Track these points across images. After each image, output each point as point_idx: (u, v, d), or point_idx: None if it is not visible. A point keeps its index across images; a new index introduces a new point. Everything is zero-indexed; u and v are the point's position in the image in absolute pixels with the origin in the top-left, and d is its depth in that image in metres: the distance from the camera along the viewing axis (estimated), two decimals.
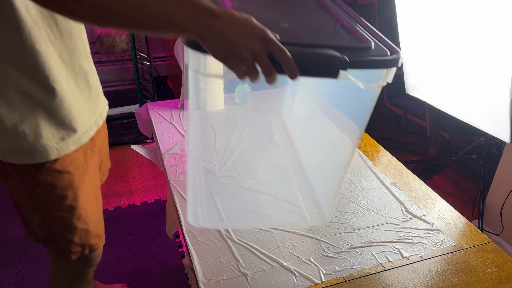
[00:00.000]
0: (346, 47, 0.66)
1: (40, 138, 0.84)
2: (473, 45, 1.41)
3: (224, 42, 0.57)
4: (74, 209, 0.95)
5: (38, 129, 0.83)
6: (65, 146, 0.88)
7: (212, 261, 0.90)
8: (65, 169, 0.90)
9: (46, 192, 0.90)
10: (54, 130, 0.86)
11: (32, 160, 0.85)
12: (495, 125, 1.44)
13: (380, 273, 0.89)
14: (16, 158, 0.85)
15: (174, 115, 1.51)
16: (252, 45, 0.57)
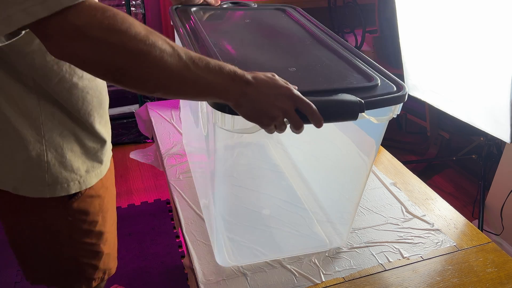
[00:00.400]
0: (357, 87, 0.74)
1: (64, 169, 0.79)
2: (473, 45, 1.41)
3: (256, 106, 0.63)
4: (102, 233, 0.93)
5: (64, 160, 0.79)
6: (88, 179, 0.84)
7: (212, 261, 0.90)
8: (97, 193, 0.88)
9: (78, 219, 0.86)
10: (81, 161, 0.82)
11: (51, 193, 0.79)
12: (495, 125, 1.44)
13: (380, 273, 0.89)
14: (32, 191, 0.79)
15: (174, 115, 1.51)
16: (282, 105, 0.63)
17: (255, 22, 1.04)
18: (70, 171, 0.80)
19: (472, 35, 1.41)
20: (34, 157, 0.76)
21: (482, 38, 1.37)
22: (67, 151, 0.79)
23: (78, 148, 0.81)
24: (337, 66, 0.83)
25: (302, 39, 0.96)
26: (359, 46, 2.40)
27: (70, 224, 0.86)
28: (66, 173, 0.80)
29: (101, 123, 0.85)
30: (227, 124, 0.68)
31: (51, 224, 0.85)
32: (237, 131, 0.69)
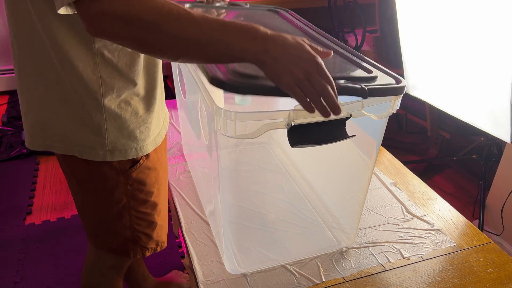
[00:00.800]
0: (358, 77, 0.74)
1: (122, 137, 0.85)
2: (473, 45, 1.41)
3: (279, 64, 0.63)
4: (157, 205, 0.98)
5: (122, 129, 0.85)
6: (144, 147, 0.89)
7: (212, 261, 0.90)
8: (154, 165, 0.94)
9: (136, 189, 0.92)
10: (138, 131, 0.87)
11: (111, 157, 0.86)
12: (496, 125, 1.44)
13: (381, 273, 0.89)
14: (94, 155, 0.85)
15: (173, 115, 1.50)
16: (305, 66, 0.63)
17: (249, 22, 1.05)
18: (127, 138, 0.86)
19: (472, 35, 1.41)
20: (96, 124, 0.82)
21: (482, 38, 1.37)
22: (124, 121, 0.85)
23: (134, 119, 0.86)
24: (336, 61, 0.83)
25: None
26: (359, 46, 2.40)
27: (129, 193, 0.92)
28: (123, 140, 0.86)
29: (155, 96, 0.90)
30: (229, 130, 0.68)
31: (113, 191, 0.91)
32: (239, 137, 0.69)
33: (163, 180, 0.99)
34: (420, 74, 1.74)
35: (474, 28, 1.39)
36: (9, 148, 2.41)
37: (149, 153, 0.91)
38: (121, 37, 0.61)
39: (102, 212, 0.95)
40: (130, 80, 0.83)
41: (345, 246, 0.95)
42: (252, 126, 0.68)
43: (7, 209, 1.98)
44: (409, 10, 1.67)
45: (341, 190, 1.02)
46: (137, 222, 0.96)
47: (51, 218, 1.94)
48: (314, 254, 0.92)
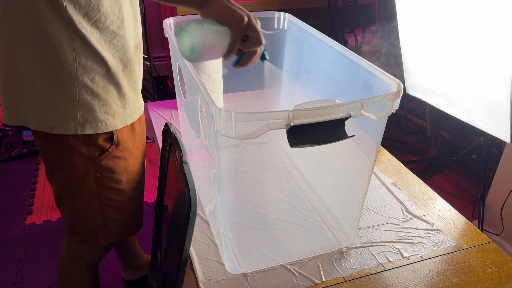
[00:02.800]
0: None
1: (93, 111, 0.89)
2: (473, 45, 1.41)
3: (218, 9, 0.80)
4: (126, 193, 1.02)
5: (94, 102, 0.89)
6: (113, 122, 0.93)
7: (212, 261, 0.90)
8: (123, 155, 0.97)
9: (105, 177, 0.97)
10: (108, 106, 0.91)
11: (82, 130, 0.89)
12: (495, 125, 1.44)
13: (380, 273, 0.89)
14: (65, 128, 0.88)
15: (174, 115, 1.51)
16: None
17: None
18: (98, 112, 0.89)
19: (472, 35, 1.41)
20: (68, 97, 0.86)
21: (482, 38, 1.37)
22: (96, 95, 0.88)
23: (106, 94, 0.90)
24: None
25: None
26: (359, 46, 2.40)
27: (99, 180, 0.96)
28: (94, 114, 0.89)
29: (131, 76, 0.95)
30: (229, 130, 0.68)
31: (83, 178, 0.95)
32: (239, 137, 0.69)
33: (134, 170, 1.03)
34: (420, 74, 1.74)
35: (474, 28, 1.39)
36: (10, 148, 2.41)
37: (119, 142, 0.95)
38: None
39: (73, 200, 0.99)
40: (103, 56, 0.86)
41: (345, 246, 0.95)
42: (251, 127, 0.68)
43: (8, 209, 1.98)
44: (409, 10, 1.67)
45: (341, 190, 1.03)
46: (106, 209, 1.00)
47: (52, 218, 1.94)
48: (314, 254, 0.93)
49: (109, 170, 0.96)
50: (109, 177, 0.97)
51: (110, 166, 0.96)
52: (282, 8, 1.83)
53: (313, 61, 1.09)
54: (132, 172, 1.03)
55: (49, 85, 0.85)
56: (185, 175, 0.72)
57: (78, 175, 0.95)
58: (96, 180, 0.96)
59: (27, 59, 0.83)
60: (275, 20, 1.18)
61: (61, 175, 0.96)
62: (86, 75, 0.86)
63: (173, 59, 1.12)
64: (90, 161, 0.94)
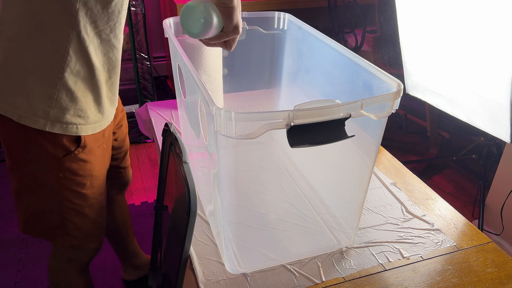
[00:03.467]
0: None
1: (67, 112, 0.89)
2: (473, 45, 1.41)
3: None
4: (88, 197, 1.00)
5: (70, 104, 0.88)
6: (84, 128, 0.92)
7: (212, 261, 0.90)
8: (88, 158, 0.96)
9: (68, 178, 0.95)
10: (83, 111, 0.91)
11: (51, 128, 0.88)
12: (495, 125, 1.44)
13: (380, 273, 0.89)
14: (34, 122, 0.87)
15: (174, 115, 1.51)
16: None
17: None
18: (72, 115, 0.89)
19: (472, 35, 1.41)
20: (47, 93, 0.85)
21: (482, 38, 1.37)
22: (74, 98, 0.88)
23: (84, 99, 0.90)
24: None
25: None
26: (359, 46, 2.40)
27: (61, 180, 0.95)
28: (68, 116, 0.89)
29: (110, 90, 0.96)
30: (229, 130, 0.68)
31: (46, 175, 0.94)
32: (239, 137, 0.69)
33: (98, 174, 1.02)
34: (420, 74, 1.74)
35: (474, 28, 1.39)
36: None
37: (86, 145, 0.94)
38: None
39: (33, 194, 0.97)
40: (94, 64, 0.87)
41: (345, 246, 0.95)
42: (251, 127, 0.68)
43: (7, 209, 1.98)
44: (409, 10, 1.67)
45: (341, 190, 1.03)
46: (66, 211, 0.99)
47: None
48: (314, 254, 0.93)
49: (72, 172, 0.95)
50: (72, 179, 0.96)
51: (74, 169, 0.95)
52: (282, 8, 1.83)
53: (313, 61, 1.09)
54: (96, 177, 1.01)
55: (32, 76, 0.84)
56: (185, 175, 0.72)
57: (40, 171, 0.94)
58: (58, 180, 0.95)
59: (19, 45, 0.83)
60: (275, 20, 1.18)
61: (23, 168, 0.95)
62: (71, 77, 0.86)
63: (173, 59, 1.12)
64: (54, 160, 0.92)
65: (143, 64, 2.45)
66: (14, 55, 0.84)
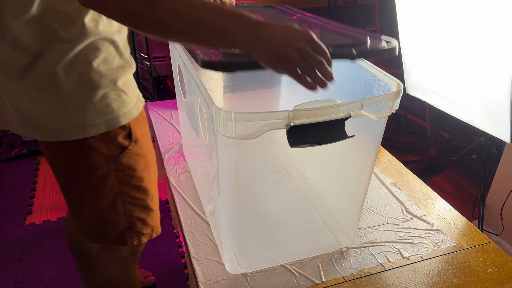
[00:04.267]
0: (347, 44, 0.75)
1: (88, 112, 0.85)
2: (473, 45, 1.41)
3: (271, 48, 0.63)
4: (149, 190, 0.99)
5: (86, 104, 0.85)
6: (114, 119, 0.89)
7: (212, 261, 0.90)
8: (142, 151, 0.94)
9: (127, 175, 0.93)
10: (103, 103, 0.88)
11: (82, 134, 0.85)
12: (495, 125, 1.44)
13: (380, 273, 0.89)
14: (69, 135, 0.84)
15: (174, 115, 1.51)
16: (298, 45, 0.63)
17: None
18: (93, 112, 0.85)
19: (472, 35, 1.41)
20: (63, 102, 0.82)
21: (482, 38, 1.37)
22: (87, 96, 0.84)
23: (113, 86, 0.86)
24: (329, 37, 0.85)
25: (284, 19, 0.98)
26: None
27: (120, 179, 0.92)
28: (90, 115, 0.84)
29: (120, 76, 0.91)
30: (229, 130, 0.68)
31: (105, 178, 0.91)
32: (239, 137, 0.69)
33: (152, 166, 1.00)
34: (420, 74, 1.74)
35: (474, 28, 1.39)
36: (10, 148, 2.41)
37: (137, 139, 0.92)
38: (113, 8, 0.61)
39: (96, 202, 0.94)
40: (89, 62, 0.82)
41: (345, 246, 0.95)
42: (251, 127, 0.68)
43: (8, 209, 1.98)
44: (409, 10, 1.67)
45: (341, 190, 1.03)
46: (131, 209, 0.97)
47: (51, 218, 1.94)
48: (314, 254, 0.93)
49: (131, 168, 0.93)
50: (131, 175, 0.94)
51: (131, 164, 0.92)
52: None
53: None
54: (152, 168, 1.00)
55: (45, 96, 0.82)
56: None
57: (99, 178, 0.91)
58: (118, 179, 0.92)
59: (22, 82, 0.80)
60: None
61: (80, 182, 0.92)
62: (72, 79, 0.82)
63: (173, 59, 1.12)
64: (111, 160, 0.90)
65: (143, 64, 2.45)
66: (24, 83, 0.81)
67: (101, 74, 0.84)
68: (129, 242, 1.00)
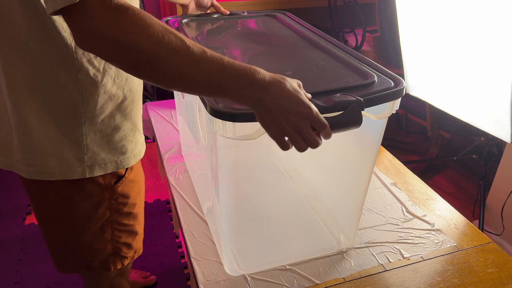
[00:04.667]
0: (355, 86, 0.74)
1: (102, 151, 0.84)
2: (474, 44, 1.41)
3: (269, 115, 0.62)
4: (138, 215, 0.98)
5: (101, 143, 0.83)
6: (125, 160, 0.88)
7: (212, 261, 0.90)
8: (136, 177, 0.93)
9: (120, 203, 0.91)
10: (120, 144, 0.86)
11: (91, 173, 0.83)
12: (496, 125, 1.44)
13: (381, 273, 0.89)
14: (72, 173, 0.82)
15: (173, 115, 1.50)
16: (297, 122, 0.62)
17: (248, 30, 1.05)
18: (107, 152, 0.84)
19: (473, 35, 1.41)
20: (74, 140, 0.80)
21: (482, 38, 1.37)
22: (105, 135, 0.83)
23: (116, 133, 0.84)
24: (333, 66, 0.83)
25: (295, 42, 0.96)
26: (359, 46, 2.39)
27: (113, 207, 0.90)
28: (103, 155, 0.83)
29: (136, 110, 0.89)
30: (228, 131, 0.68)
31: (97, 208, 0.88)
32: (238, 138, 0.69)
33: (143, 190, 1.00)
34: (420, 74, 1.74)
35: (474, 27, 1.39)
36: None
37: (132, 166, 0.90)
38: (114, 60, 0.59)
39: (82, 233, 0.91)
40: (113, 95, 0.81)
41: (345, 246, 0.95)
42: (251, 127, 0.68)
43: (7, 209, 1.98)
44: (409, 10, 1.67)
45: (341, 190, 1.02)
46: (119, 235, 0.95)
47: None
48: (314, 254, 0.92)
49: (124, 195, 0.91)
50: (124, 202, 0.92)
51: (125, 192, 0.91)
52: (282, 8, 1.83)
53: None
54: (143, 193, 0.99)
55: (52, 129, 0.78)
56: None
57: (90, 205, 0.87)
58: (110, 207, 0.90)
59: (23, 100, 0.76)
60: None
61: (64, 218, 0.88)
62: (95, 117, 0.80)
63: None
64: (106, 190, 0.87)
65: None
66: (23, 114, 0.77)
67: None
68: (112, 267, 0.98)
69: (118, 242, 0.95)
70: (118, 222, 0.93)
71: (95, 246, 0.93)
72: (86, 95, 0.77)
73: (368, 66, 0.82)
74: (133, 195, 0.93)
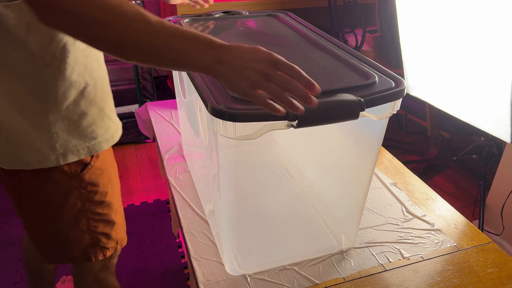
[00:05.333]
0: (356, 86, 0.74)
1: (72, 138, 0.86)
2: (474, 44, 1.41)
3: (233, 71, 0.61)
4: (112, 204, 0.99)
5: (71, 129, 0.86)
6: (97, 145, 0.90)
7: (212, 261, 0.90)
8: (105, 166, 0.94)
9: (90, 191, 0.92)
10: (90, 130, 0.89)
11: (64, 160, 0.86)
12: (496, 125, 1.44)
13: (381, 273, 0.89)
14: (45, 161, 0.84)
15: (173, 115, 1.50)
16: (260, 67, 0.60)
17: (249, 30, 1.05)
18: (78, 138, 0.86)
19: (473, 35, 1.41)
20: (43, 129, 0.82)
21: (482, 38, 1.37)
22: (73, 122, 0.85)
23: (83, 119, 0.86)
24: (334, 66, 0.83)
25: (296, 42, 0.96)
26: (359, 46, 2.39)
27: (83, 196, 0.92)
28: (74, 141, 0.86)
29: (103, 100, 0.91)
30: (229, 131, 0.68)
31: (67, 196, 0.90)
32: (239, 138, 0.69)
33: (115, 179, 1.00)
34: (420, 74, 1.74)
35: (474, 27, 1.39)
36: None
37: (98, 154, 0.91)
38: (74, 33, 0.60)
39: (57, 222, 0.93)
40: (74, 82, 0.82)
41: (345, 246, 0.95)
42: (252, 127, 0.68)
43: (7, 209, 1.98)
44: (409, 10, 1.67)
45: (341, 190, 1.02)
46: (94, 225, 0.96)
47: None
48: (314, 254, 0.92)
49: (93, 184, 0.92)
50: (94, 191, 0.93)
51: (94, 180, 0.92)
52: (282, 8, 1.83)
53: None
54: (115, 182, 0.99)
55: (21, 123, 0.81)
56: None
57: (60, 194, 0.90)
58: (80, 196, 0.91)
59: None
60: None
61: (40, 197, 0.90)
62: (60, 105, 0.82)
63: None
64: (73, 178, 0.89)
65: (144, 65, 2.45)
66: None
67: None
68: (93, 258, 0.99)
69: (96, 232, 0.97)
70: (91, 211, 0.94)
71: (71, 237, 0.95)
72: (46, 83, 0.79)
73: (369, 66, 0.82)
74: (102, 183, 0.94)
